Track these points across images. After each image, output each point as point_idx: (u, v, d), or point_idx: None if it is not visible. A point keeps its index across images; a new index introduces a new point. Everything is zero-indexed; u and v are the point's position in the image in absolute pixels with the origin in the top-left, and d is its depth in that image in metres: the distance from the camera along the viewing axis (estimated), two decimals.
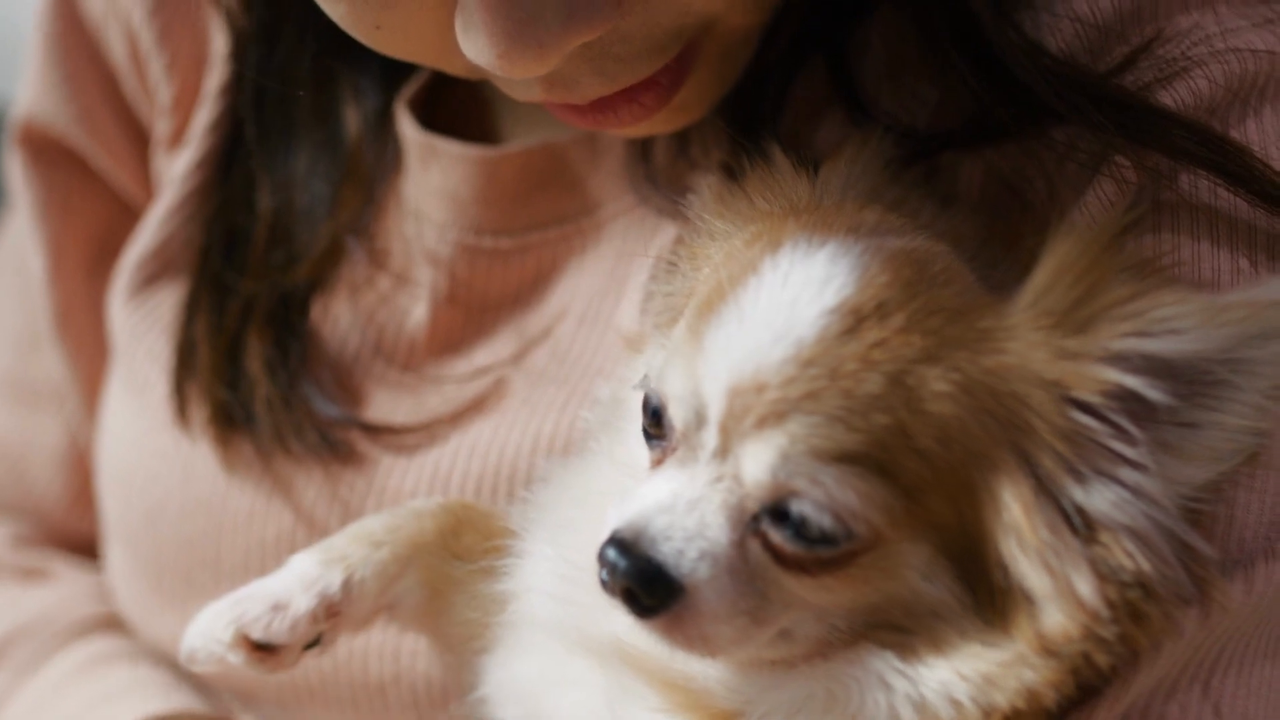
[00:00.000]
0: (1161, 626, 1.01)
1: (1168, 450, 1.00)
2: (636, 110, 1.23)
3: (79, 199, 1.64)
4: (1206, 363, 0.99)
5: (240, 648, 1.23)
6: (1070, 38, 1.24)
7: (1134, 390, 0.99)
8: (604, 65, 1.19)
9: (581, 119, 1.25)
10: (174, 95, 1.57)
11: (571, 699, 1.17)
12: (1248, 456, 1.03)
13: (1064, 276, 1.01)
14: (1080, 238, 1.02)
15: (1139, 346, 0.99)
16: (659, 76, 1.22)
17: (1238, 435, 1.01)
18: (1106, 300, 1.00)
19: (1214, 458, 1.01)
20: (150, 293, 1.54)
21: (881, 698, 1.02)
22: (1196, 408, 1.00)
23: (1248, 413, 1.00)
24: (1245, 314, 0.99)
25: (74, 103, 1.60)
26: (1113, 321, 0.99)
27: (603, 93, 1.21)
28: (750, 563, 1.02)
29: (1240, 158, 1.16)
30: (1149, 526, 1.00)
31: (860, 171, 1.18)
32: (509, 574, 1.22)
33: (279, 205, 1.48)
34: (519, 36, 1.11)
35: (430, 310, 1.44)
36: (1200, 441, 1.00)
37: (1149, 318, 0.99)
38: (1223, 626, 1.07)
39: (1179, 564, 1.01)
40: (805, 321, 1.00)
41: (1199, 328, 0.98)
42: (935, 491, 1.00)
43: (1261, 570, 1.08)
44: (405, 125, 1.45)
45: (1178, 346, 0.98)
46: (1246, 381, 0.99)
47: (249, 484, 1.44)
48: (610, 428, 1.23)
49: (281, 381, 1.43)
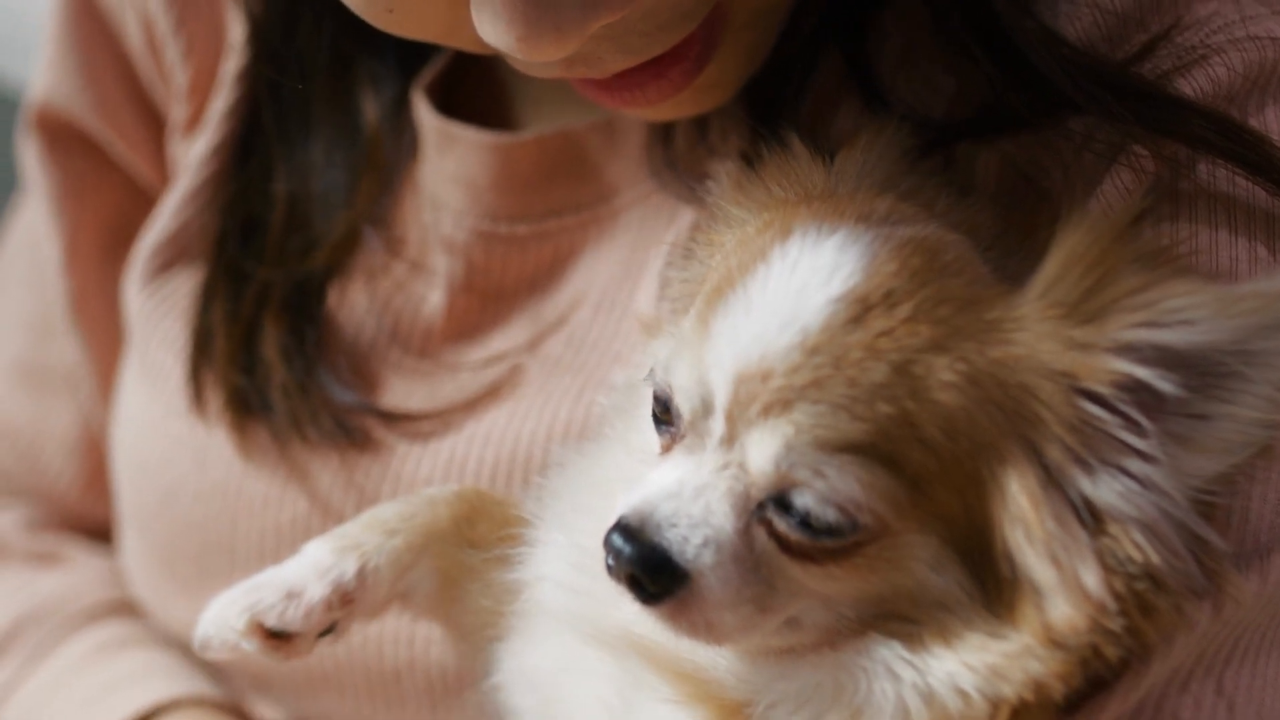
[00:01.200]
0: (1171, 619, 1.00)
1: (1178, 442, 0.99)
2: (665, 86, 1.22)
3: (94, 185, 1.64)
4: (1218, 354, 0.98)
5: (254, 635, 1.23)
6: (1089, 25, 1.24)
7: (1144, 381, 0.98)
8: (628, 41, 1.17)
9: (608, 96, 1.24)
10: (190, 80, 1.57)
11: (584, 688, 1.17)
12: (1260, 449, 1.02)
13: (1074, 267, 1.00)
14: (1091, 228, 1.01)
15: (1150, 337, 0.98)
16: (685, 49, 1.20)
17: (1249, 427, 1.00)
18: (1117, 290, 0.99)
19: (1225, 450, 1.00)
20: (166, 279, 1.55)
21: (889, 688, 1.02)
22: (1208, 399, 0.99)
23: (1260, 404, 0.99)
24: (1258, 305, 0.98)
25: (90, 89, 1.60)
26: (1123, 312, 0.98)
27: (627, 66, 1.19)
28: (755, 550, 1.02)
29: (1259, 146, 1.15)
30: (1158, 518, 0.99)
31: (876, 160, 1.18)
32: (522, 562, 1.22)
33: (296, 192, 1.48)
34: (538, 20, 1.10)
35: (446, 297, 1.44)
36: (1211, 433, 1.00)
37: (1160, 308, 0.98)
38: (1236, 619, 1.06)
39: (1190, 556, 1.00)
40: (811, 309, 1.00)
41: (1211, 319, 0.97)
42: (941, 482, 0.99)
43: (1275, 562, 1.08)
44: (422, 112, 1.45)
45: (1189, 338, 0.97)
46: (1258, 373, 0.98)
47: (264, 470, 1.44)
48: (625, 413, 1.22)
49: (298, 368, 1.43)
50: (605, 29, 1.13)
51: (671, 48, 1.19)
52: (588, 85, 1.24)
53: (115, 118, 1.62)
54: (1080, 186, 1.20)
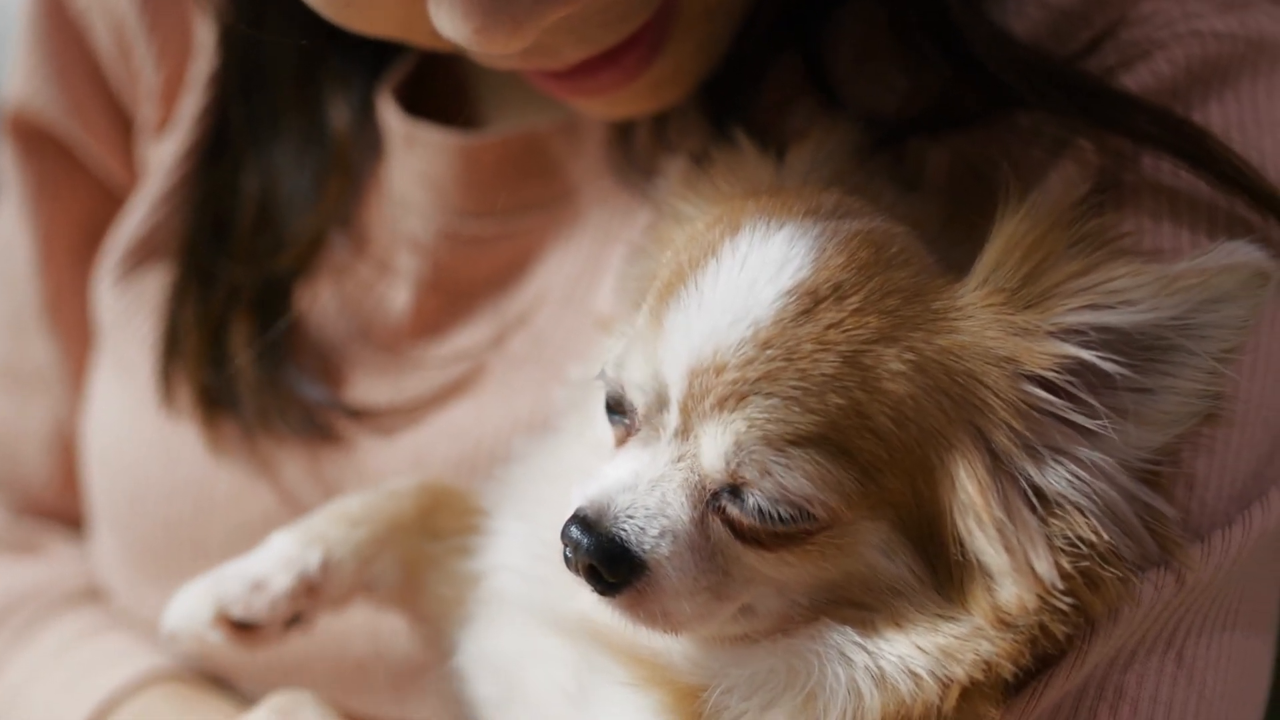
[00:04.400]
0: (1118, 592, 1.02)
1: (1124, 416, 1.01)
2: (617, 74, 1.23)
3: (68, 187, 1.65)
4: (1160, 330, 1.00)
5: (220, 626, 1.25)
6: (1036, 23, 1.26)
7: (1088, 362, 1.00)
8: (585, 32, 1.19)
9: (560, 87, 1.25)
10: (162, 82, 1.58)
11: (542, 673, 1.19)
12: (1204, 418, 1.04)
13: (1012, 253, 1.03)
14: (1027, 214, 1.04)
15: (1092, 319, 1.00)
16: (638, 38, 1.21)
17: (1192, 399, 1.02)
18: (1058, 275, 1.01)
19: (1170, 421, 1.03)
20: (137, 278, 1.56)
21: (841, 671, 1.03)
22: (1151, 374, 1.01)
23: (1200, 376, 1.02)
24: (1196, 281, 1.00)
25: (63, 93, 1.61)
26: (1065, 295, 1.01)
27: (584, 56, 1.21)
28: (711, 539, 1.04)
29: (1201, 140, 1.18)
30: (1107, 497, 1.01)
31: (826, 156, 1.20)
32: (481, 552, 1.24)
33: (265, 192, 1.49)
34: (495, 13, 1.12)
35: (412, 295, 1.45)
36: (1156, 406, 1.02)
37: (1102, 290, 1.00)
38: (1181, 598, 1.09)
39: (1142, 526, 1.03)
40: (762, 303, 1.02)
41: (1152, 298, 1.00)
42: (892, 470, 1.01)
43: (1219, 539, 1.10)
44: (388, 113, 1.46)
45: (1132, 317, 1.00)
46: (1198, 345, 1.01)
47: (233, 465, 1.46)
48: (580, 407, 1.24)
49: (266, 365, 1.44)
50: (562, 21, 1.15)
51: (626, 37, 1.21)
52: (543, 78, 1.26)
53: (87, 120, 1.63)
54: (1029, 181, 1.21)
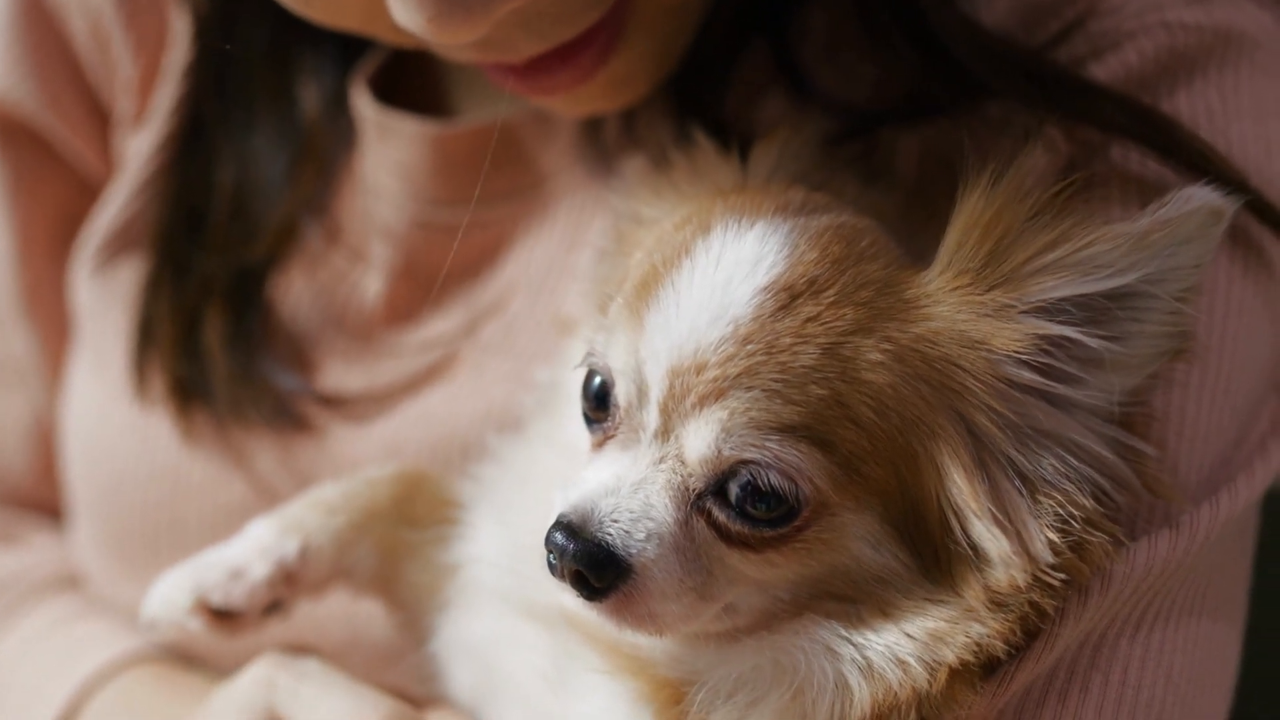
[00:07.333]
0: (1105, 552, 1.03)
1: (1100, 366, 1.03)
2: (574, 72, 1.23)
3: (46, 179, 1.64)
4: (1129, 287, 1.02)
5: (199, 614, 1.26)
6: (1005, 12, 1.27)
7: (1059, 335, 1.01)
8: (538, 25, 1.19)
9: (518, 82, 1.25)
10: (139, 74, 1.58)
11: (520, 659, 1.20)
12: (1173, 354, 1.06)
13: (971, 233, 1.04)
14: (982, 194, 1.04)
15: (1068, 291, 1.01)
16: (592, 35, 1.21)
17: (1159, 340, 1.04)
18: (1025, 250, 1.02)
19: (1141, 363, 1.05)
20: (113, 269, 1.56)
21: (828, 666, 1.04)
22: (1121, 323, 1.03)
23: (1165, 318, 1.03)
24: (1163, 234, 1.02)
25: (40, 86, 1.60)
26: (1035, 271, 1.02)
27: (537, 50, 1.21)
28: (696, 541, 1.04)
29: (1170, 130, 1.19)
30: (1092, 453, 1.03)
31: (791, 154, 1.20)
32: (458, 543, 1.25)
33: (239, 182, 1.49)
34: (446, 3, 1.12)
35: (385, 284, 1.46)
36: (1128, 351, 1.03)
37: (1071, 261, 1.01)
38: (1146, 584, 1.10)
39: (1129, 469, 1.04)
40: (740, 301, 1.02)
41: (1123, 259, 1.01)
42: (875, 459, 1.02)
43: (1187, 523, 1.12)
44: (362, 102, 1.47)
45: (1105, 284, 1.01)
46: (1162, 289, 1.02)
47: (207, 454, 1.46)
48: (549, 411, 1.25)
49: (239, 355, 1.45)
50: (515, 13, 1.15)
51: (580, 34, 1.21)
52: (502, 74, 1.26)
53: (64, 112, 1.62)
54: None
